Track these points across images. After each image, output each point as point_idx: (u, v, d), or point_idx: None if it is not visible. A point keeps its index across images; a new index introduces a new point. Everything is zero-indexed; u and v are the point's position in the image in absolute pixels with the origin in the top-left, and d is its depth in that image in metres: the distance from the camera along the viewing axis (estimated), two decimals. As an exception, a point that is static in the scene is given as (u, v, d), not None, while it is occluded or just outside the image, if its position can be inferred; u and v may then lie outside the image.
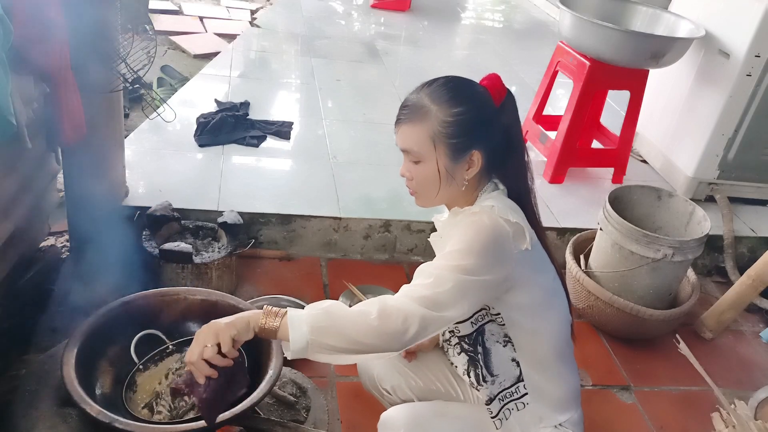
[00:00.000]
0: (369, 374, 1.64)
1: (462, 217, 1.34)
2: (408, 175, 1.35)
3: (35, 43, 1.57)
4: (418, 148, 1.30)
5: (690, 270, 2.45)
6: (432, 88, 1.32)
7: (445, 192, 1.34)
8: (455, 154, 1.30)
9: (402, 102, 1.35)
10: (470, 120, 1.29)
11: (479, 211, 1.30)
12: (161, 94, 3.41)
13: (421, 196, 1.37)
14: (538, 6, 6.38)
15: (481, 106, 1.31)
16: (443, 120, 1.28)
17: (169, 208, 2.28)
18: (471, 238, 1.24)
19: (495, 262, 1.24)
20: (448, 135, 1.28)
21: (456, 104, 1.29)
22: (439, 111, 1.28)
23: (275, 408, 1.81)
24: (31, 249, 2.23)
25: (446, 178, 1.31)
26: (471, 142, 1.30)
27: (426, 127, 1.29)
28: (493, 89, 1.33)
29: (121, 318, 1.61)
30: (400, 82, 3.98)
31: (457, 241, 1.25)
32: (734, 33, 2.78)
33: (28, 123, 1.72)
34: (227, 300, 1.73)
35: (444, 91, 1.30)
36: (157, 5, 4.71)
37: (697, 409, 2.13)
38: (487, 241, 1.24)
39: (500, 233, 1.26)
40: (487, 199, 1.33)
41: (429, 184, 1.33)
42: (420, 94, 1.32)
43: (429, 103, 1.29)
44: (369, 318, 1.18)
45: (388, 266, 2.60)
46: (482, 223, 1.26)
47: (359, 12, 5.32)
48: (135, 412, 1.47)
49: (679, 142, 3.12)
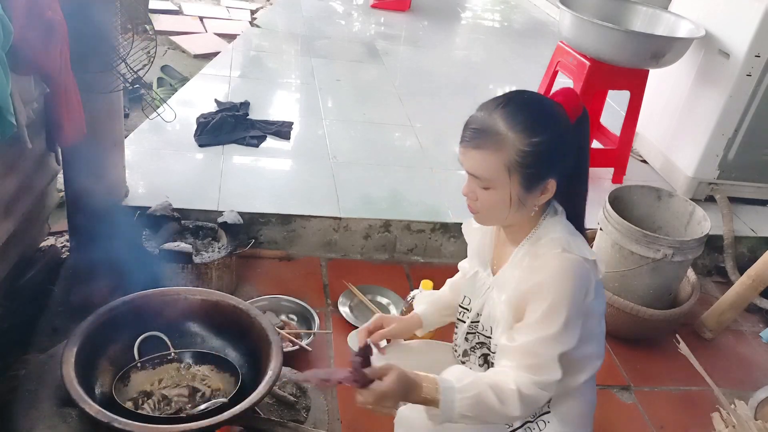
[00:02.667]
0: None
1: (540, 261, 1.25)
2: (473, 196, 1.28)
3: (35, 43, 1.57)
4: (490, 176, 1.22)
5: (690, 270, 2.45)
6: (507, 110, 1.21)
7: (512, 217, 1.27)
8: (530, 183, 1.22)
9: (470, 120, 1.26)
10: (549, 149, 1.20)
11: (560, 253, 1.22)
12: (161, 94, 3.41)
13: (484, 218, 1.32)
14: (538, 6, 6.38)
15: (561, 132, 1.22)
16: (521, 149, 1.19)
17: (169, 208, 2.28)
18: (560, 297, 1.20)
19: (581, 310, 1.24)
20: (525, 165, 1.20)
21: (535, 132, 1.19)
22: (516, 139, 1.19)
23: (275, 408, 1.81)
24: (31, 249, 2.23)
25: (516, 206, 1.24)
26: (548, 172, 1.22)
27: (501, 156, 1.20)
28: (569, 106, 1.25)
29: (121, 318, 1.61)
30: (400, 82, 3.98)
31: (544, 302, 1.20)
32: (734, 33, 2.78)
33: (28, 123, 1.72)
34: (227, 300, 1.73)
35: (521, 116, 1.20)
36: (157, 5, 4.71)
37: (697, 409, 2.12)
38: (575, 296, 1.21)
39: (585, 280, 1.23)
40: (551, 225, 1.28)
41: (497, 210, 1.26)
42: (493, 115, 1.22)
43: (505, 130, 1.20)
44: (511, 409, 1.21)
45: (388, 266, 2.59)
46: (568, 274, 1.21)
47: (359, 12, 5.32)
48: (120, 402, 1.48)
49: (679, 142, 3.12)
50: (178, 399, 1.57)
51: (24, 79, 1.72)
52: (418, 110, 3.59)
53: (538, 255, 1.26)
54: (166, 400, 1.56)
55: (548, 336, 1.20)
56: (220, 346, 1.72)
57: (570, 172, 1.27)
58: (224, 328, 1.73)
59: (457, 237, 2.64)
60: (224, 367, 1.65)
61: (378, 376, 1.19)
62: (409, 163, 3.04)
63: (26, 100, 1.75)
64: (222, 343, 1.73)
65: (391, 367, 1.21)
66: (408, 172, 2.96)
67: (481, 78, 4.39)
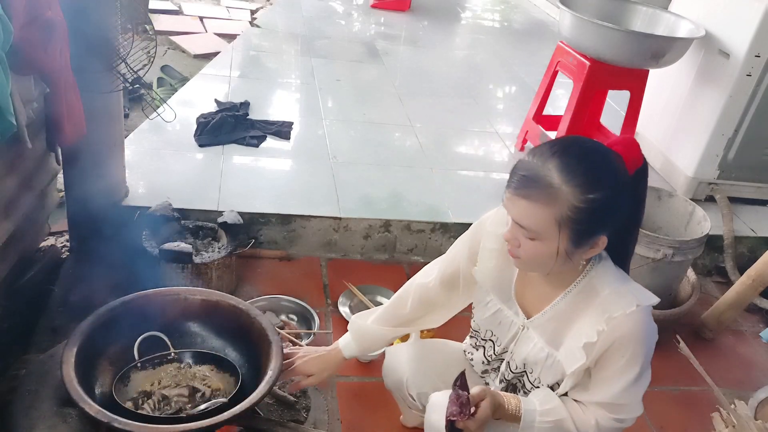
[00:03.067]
0: (397, 377, 1.59)
1: (615, 322, 1.19)
2: (515, 243, 1.20)
3: (35, 43, 1.57)
4: (538, 229, 1.15)
5: (690, 270, 2.45)
6: (563, 161, 1.12)
7: (556, 269, 1.21)
8: (580, 239, 1.16)
9: (519, 165, 1.17)
10: (605, 206, 1.13)
11: (635, 311, 1.18)
12: (161, 94, 3.41)
13: (525, 266, 1.26)
14: (538, 6, 6.38)
15: (619, 188, 1.15)
16: (574, 205, 1.11)
17: (169, 208, 2.28)
18: (639, 350, 1.20)
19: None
20: (578, 221, 1.12)
21: (592, 188, 1.11)
22: (570, 194, 1.11)
23: (275, 408, 1.81)
24: (31, 249, 2.23)
25: (563, 259, 1.18)
26: (601, 228, 1.16)
27: (552, 211, 1.12)
28: (629, 157, 1.18)
29: (121, 318, 1.61)
30: (400, 82, 3.98)
31: (622, 357, 1.20)
32: (734, 33, 2.78)
33: (28, 123, 1.72)
34: (227, 300, 1.73)
35: (578, 170, 1.11)
36: (157, 5, 4.71)
37: (697, 409, 2.12)
38: (651, 346, 1.22)
39: (654, 325, 1.21)
40: (604, 276, 1.23)
41: (542, 261, 1.20)
42: (547, 164, 1.13)
43: (559, 183, 1.11)
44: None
45: (388, 266, 2.59)
46: (646, 329, 1.20)
47: (359, 12, 5.32)
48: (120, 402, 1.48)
49: (679, 142, 3.12)
50: (178, 399, 1.57)
51: (24, 79, 1.72)
52: (418, 110, 3.59)
53: (603, 309, 1.20)
54: (166, 400, 1.56)
55: (628, 384, 1.21)
56: (220, 346, 1.72)
57: (623, 225, 1.21)
58: (224, 328, 1.73)
59: (457, 237, 2.63)
60: (224, 367, 1.65)
61: (476, 402, 1.22)
62: (409, 163, 3.04)
63: (26, 100, 1.75)
64: (222, 343, 1.72)
65: (485, 391, 1.24)
66: (408, 172, 2.96)
67: (481, 78, 4.39)
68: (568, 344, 1.26)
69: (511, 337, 1.38)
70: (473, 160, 3.22)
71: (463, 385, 1.22)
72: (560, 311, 1.28)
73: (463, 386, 1.23)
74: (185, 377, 1.63)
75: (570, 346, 1.25)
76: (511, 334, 1.38)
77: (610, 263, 1.26)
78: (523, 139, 3.29)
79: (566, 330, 1.27)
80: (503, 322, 1.39)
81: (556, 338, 1.29)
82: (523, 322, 1.35)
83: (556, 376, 1.30)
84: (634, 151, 1.18)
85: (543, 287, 1.31)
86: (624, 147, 1.18)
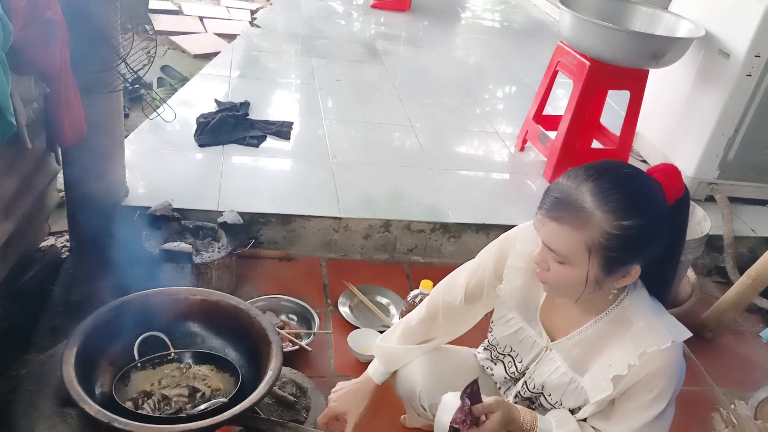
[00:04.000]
0: (411, 387, 1.54)
1: (648, 357, 1.16)
2: (544, 266, 1.17)
3: (35, 43, 1.57)
4: (568, 253, 1.11)
5: (690, 270, 2.45)
6: (598, 185, 1.08)
7: (585, 296, 1.17)
8: (611, 267, 1.11)
9: (552, 186, 1.14)
10: (640, 235, 1.08)
11: (669, 348, 1.15)
12: (161, 94, 3.42)
13: (554, 290, 1.22)
14: (538, 6, 6.38)
15: (655, 218, 1.10)
16: (607, 232, 1.07)
17: (169, 208, 2.28)
18: (668, 386, 1.17)
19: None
20: (609, 249, 1.08)
21: (627, 216, 1.07)
22: (604, 220, 1.07)
23: (275, 408, 1.81)
24: (31, 249, 2.23)
25: (592, 286, 1.14)
26: (633, 258, 1.12)
27: (583, 236, 1.08)
28: (670, 186, 1.13)
29: (120, 318, 1.61)
30: (400, 82, 3.98)
31: (651, 393, 1.17)
32: (734, 33, 2.78)
33: (28, 123, 1.72)
34: (227, 300, 1.73)
35: (614, 196, 1.07)
36: (157, 5, 4.71)
37: (697, 409, 2.12)
38: (680, 381, 1.19)
39: (684, 361, 1.18)
40: (638, 307, 1.19)
41: (570, 287, 1.16)
42: (581, 188, 1.09)
43: (592, 207, 1.07)
44: None
45: (388, 266, 2.59)
46: (677, 364, 1.17)
47: (359, 12, 5.32)
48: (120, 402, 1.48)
49: (679, 142, 3.12)
50: (178, 399, 1.57)
51: (24, 79, 1.72)
52: (418, 110, 3.59)
53: (637, 343, 1.17)
54: (166, 400, 1.56)
55: (650, 419, 1.19)
56: (220, 346, 1.72)
57: (659, 256, 1.16)
58: (224, 328, 1.73)
59: (457, 237, 2.65)
60: (224, 367, 1.65)
61: (485, 412, 1.20)
62: (409, 163, 3.04)
63: (26, 100, 1.75)
64: (222, 343, 1.72)
65: (498, 404, 1.21)
66: (408, 172, 2.96)
67: (481, 78, 4.40)
68: (595, 373, 1.23)
69: (533, 357, 1.36)
70: (473, 160, 3.22)
71: (474, 393, 1.21)
72: (588, 337, 1.25)
73: (475, 395, 1.21)
74: (185, 377, 1.63)
75: (597, 375, 1.22)
76: (533, 354, 1.35)
77: (645, 293, 1.22)
78: (523, 139, 3.29)
79: (593, 357, 1.24)
80: (524, 341, 1.37)
81: (582, 364, 1.26)
82: (547, 344, 1.32)
83: (578, 402, 1.27)
84: (675, 179, 1.14)
85: (572, 311, 1.27)
86: (664, 175, 1.14)
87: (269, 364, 1.53)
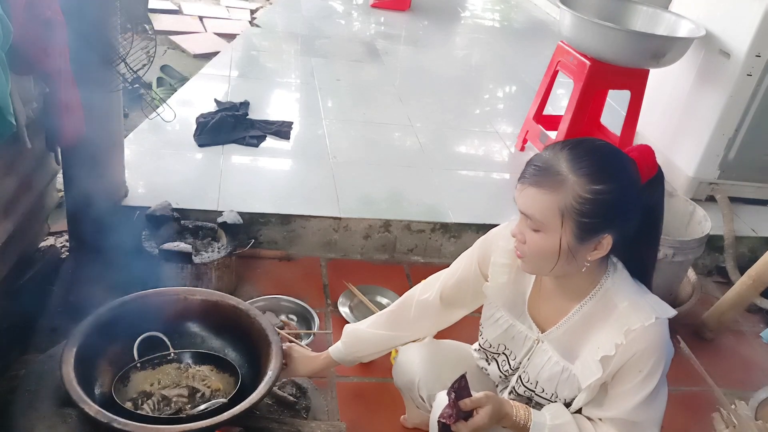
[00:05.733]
0: (410, 377, 1.57)
1: (633, 334, 1.17)
2: (521, 238, 1.20)
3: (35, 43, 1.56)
4: (542, 218, 1.14)
5: (690, 270, 2.45)
6: (573, 153, 1.14)
7: (559, 269, 1.19)
8: (583, 234, 1.14)
9: (532, 158, 1.19)
10: (611, 201, 1.12)
11: (653, 324, 1.17)
12: (161, 93, 3.41)
13: (530, 263, 1.23)
14: (538, 6, 6.38)
15: (627, 186, 1.14)
16: (580, 195, 1.11)
17: (169, 208, 2.27)
18: (657, 364, 1.18)
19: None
20: (581, 213, 1.12)
21: (599, 180, 1.11)
22: (577, 183, 1.12)
23: (275, 408, 1.81)
24: (30, 249, 2.23)
25: (566, 256, 1.16)
26: (605, 226, 1.14)
27: (557, 198, 1.12)
28: (643, 164, 1.17)
29: (120, 318, 1.61)
30: (400, 82, 3.98)
31: (640, 373, 1.18)
32: (735, 33, 2.77)
33: (27, 123, 1.72)
34: (227, 300, 1.73)
35: (587, 162, 1.12)
36: (157, 5, 4.71)
37: (697, 410, 2.12)
38: (668, 359, 1.21)
39: (669, 339, 1.20)
40: (620, 286, 1.22)
41: (544, 257, 1.18)
42: (557, 156, 1.15)
43: (566, 171, 1.12)
44: None
45: (388, 266, 2.59)
46: (663, 341, 1.18)
47: (359, 12, 5.32)
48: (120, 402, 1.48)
49: (679, 141, 3.12)
50: (178, 399, 1.57)
51: (24, 79, 1.72)
52: (418, 110, 3.59)
53: (622, 322, 1.19)
54: (165, 400, 1.56)
55: (643, 399, 1.19)
56: (220, 346, 1.72)
57: (634, 234, 1.19)
58: (224, 328, 1.73)
59: (457, 237, 2.64)
60: (224, 367, 1.65)
61: (475, 407, 1.21)
62: (409, 163, 3.03)
63: (26, 100, 1.75)
64: (222, 344, 1.72)
65: (488, 398, 1.23)
66: (408, 172, 2.96)
67: (481, 78, 4.39)
68: (584, 357, 1.24)
69: (525, 351, 1.36)
70: (473, 160, 3.22)
71: (463, 388, 1.21)
72: (576, 324, 1.26)
73: (464, 389, 1.22)
74: (185, 377, 1.63)
75: (586, 360, 1.24)
76: (526, 349, 1.36)
77: (627, 275, 1.24)
78: (524, 139, 3.29)
79: (582, 343, 1.26)
80: (516, 337, 1.38)
81: (572, 351, 1.27)
82: (538, 336, 1.33)
83: (573, 391, 1.28)
84: (648, 158, 1.18)
85: (558, 300, 1.29)
86: (639, 153, 1.18)
87: (269, 364, 1.53)
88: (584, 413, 1.28)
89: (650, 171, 1.19)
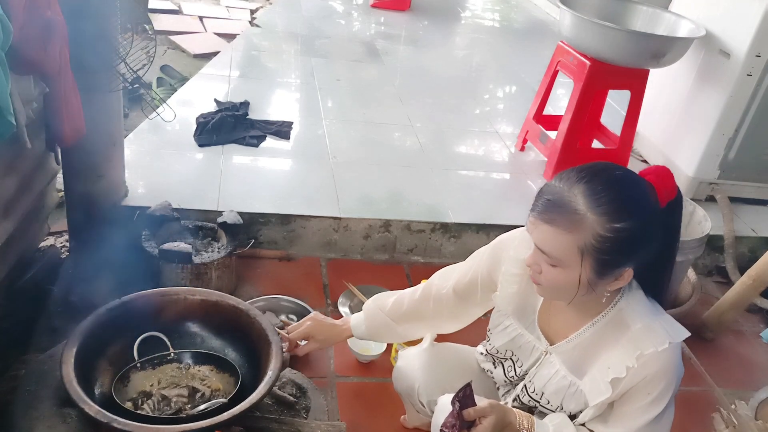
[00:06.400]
0: (409, 383, 1.56)
1: (646, 358, 1.15)
2: (537, 269, 1.17)
3: (35, 43, 1.56)
4: (560, 256, 1.11)
5: (690, 270, 2.45)
6: (590, 187, 1.08)
7: (578, 299, 1.17)
8: (604, 270, 1.11)
9: (543, 188, 1.14)
10: (632, 237, 1.08)
11: (667, 349, 1.14)
12: (161, 93, 3.41)
13: (547, 293, 1.22)
14: (538, 6, 6.38)
15: (647, 221, 1.10)
16: (600, 234, 1.07)
17: (169, 208, 2.27)
18: (667, 387, 1.17)
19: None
20: (602, 251, 1.08)
21: (619, 218, 1.07)
22: (596, 222, 1.07)
23: (275, 408, 1.80)
24: (30, 249, 2.23)
25: (585, 289, 1.14)
26: (626, 260, 1.11)
27: (575, 238, 1.08)
28: (662, 188, 1.13)
29: (120, 318, 1.61)
30: (400, 82, 3.98)
31: (650, 395, 1.17)
32: (735, 33, 2.78)
33: (27, 123, 1.71)
34: (227, 300, 1.73)
35: (606, 198, 1.07)
36: (157, 5, 4.71)
37: (697, 410, 2.12)
38: (678, 382, 1.19)
39: (682, 372, 1.19)
40: (634, 307, 1.19)
41: (563, 290, 1.16)
42: (573, 190, 1.09)
43: (585, 209, 1.07)
44: None
45: (388, 266, 2.59)
46: (675, 364, 1.16)
47: (359, 12, 5.32)
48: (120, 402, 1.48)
49: (679, 141, 3.12)
50: (178, 399, 1.57)
51: (24, 79, 1.72)
52: (418, 110, 3.59)
53: (634, 345, 1.17)
54: (165, 400, 1.56)
55: (648, 422, 1.19)
56: (220, 346, 1.72)
57: (653, 259, 1.16)
58: (224, 328, 1.72)
59: (457, 237, 2.64)
60: (224, 367, 1.65)
61: (478, 416, 1.20)
62: (409, 163, 3.03)
63: (26, 100, 1.75)
64: (222, 344, 1.72)
65: (492, 407, 1.21)
66: (408, 172, 2.96)
67: (481, 78, 4.39)
68: (593, 375, 1.23)
69: (533, 361, 1.35)
70: (473, 160, 3.22)
71: (467, 397, 1.20)
72: (586, 340, 1.25)
73: (468, 398, 1.20)
74: (185, 377, 1.63)
75: (595, 378, 1.22)
76: (533, 359, 1.35)
77: (641, 294, 1.22)
78: (524, 139, 3.29)
79: (591, 360, 1.24)
80: (524, 347, 1.36)
81: (580, 367, 1.26)
82: (546, 348, 1.32)
83: (579, 405, 1.27)
84: (667, 181, 1.14)
85: (569, 315, 1.27)
86: (657, 177, 1.14)
87: (269, 364, 1.53)
88: (588, 426, 1.27)
89: (669, 195, 1.15)
